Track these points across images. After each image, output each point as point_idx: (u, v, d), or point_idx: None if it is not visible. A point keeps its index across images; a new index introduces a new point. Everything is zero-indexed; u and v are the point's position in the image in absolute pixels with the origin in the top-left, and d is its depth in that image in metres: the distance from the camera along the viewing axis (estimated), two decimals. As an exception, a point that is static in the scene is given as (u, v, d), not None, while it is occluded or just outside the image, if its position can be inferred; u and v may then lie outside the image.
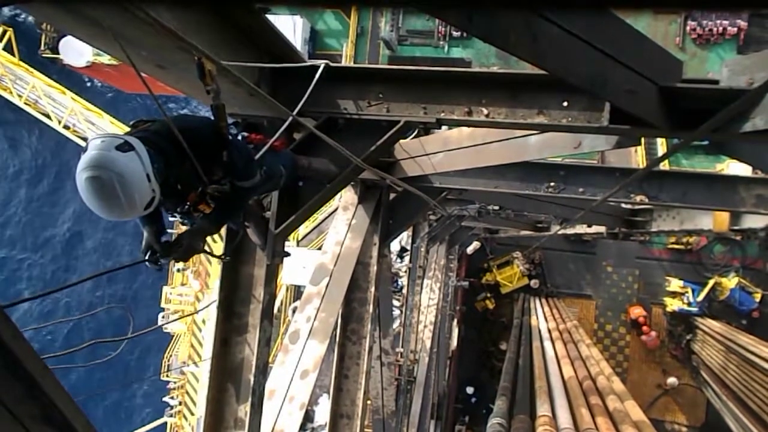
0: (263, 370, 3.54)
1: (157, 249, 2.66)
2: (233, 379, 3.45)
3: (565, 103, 2.95)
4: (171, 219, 2.77)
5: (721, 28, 17.30)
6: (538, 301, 18.93)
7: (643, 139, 4.09)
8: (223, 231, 3.39)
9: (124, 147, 2.12)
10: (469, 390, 19.31)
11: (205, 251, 2.90)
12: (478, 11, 1.70)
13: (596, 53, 2.21)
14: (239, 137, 3.15)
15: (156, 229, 2.69)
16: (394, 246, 11.29)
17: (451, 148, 4.50)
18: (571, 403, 8.27)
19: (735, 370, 13.88)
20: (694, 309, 17.78)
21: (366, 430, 8.53)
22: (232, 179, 2.75)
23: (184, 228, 2.80)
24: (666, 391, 18.47)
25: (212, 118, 2.60)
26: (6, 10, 25.62)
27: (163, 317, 18.97)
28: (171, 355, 20.05)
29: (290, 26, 18.54)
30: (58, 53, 21.14)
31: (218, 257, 3.30)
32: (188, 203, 2.66)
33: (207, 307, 16.33)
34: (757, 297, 17.84)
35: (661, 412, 18.42)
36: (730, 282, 17.78)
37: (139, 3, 1.88)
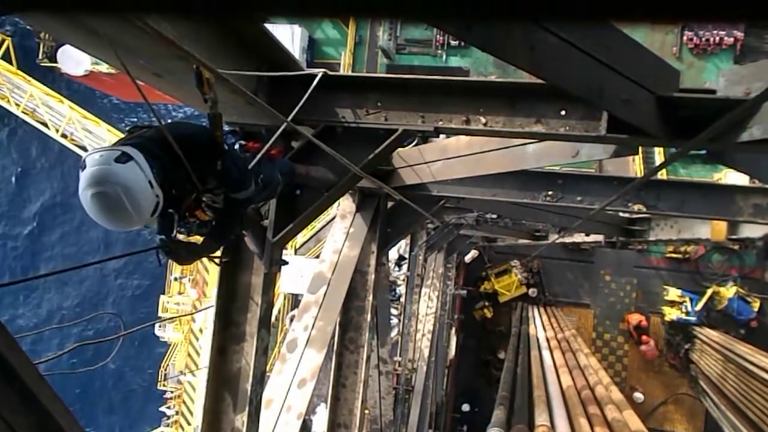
0: (260, 379, 3.53)
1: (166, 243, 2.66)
2: (230, 389, 3.43)
3: (563, 112, 2.95)
4: None
5: (717, 38, 17.39)
6: (536, 310, 18.90)
7: (640, 149, 4.10)
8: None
9: (123, 158, 2.12)
10: (465, 407, 19.11)
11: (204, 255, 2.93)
12: (476, 21, 1.71)
13: (594, 63, 2.22)
14: (236, 146, 3.16)
15: (167, 222, 2.70)
16: (392, 254, 11.27)
17: (449, 156, 4.51)
18: (569, 412, 8.24)
19: (733, 380, 13.85)
20: (693, 318, 17.75)
21: (364, 439, 8.48)
22: (226, 191, 2.75)
23: (181, 236, 2.80)
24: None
25: (208, 125, 2.60)
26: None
27: (160, 326, 18.92)
28: (168, 364, 19.96)
29: (288, 35, 18.59)
30: (56, 62, 21.17)
31: (215, 259, 3.29)
32: (182, 208, 2.66)
33: (204, 309, 16.28)
34: (756, 306, 17.83)
35: (660, 421, 18.36)
36: (729, 291, 17.78)
37: (137, 12, 1.88)
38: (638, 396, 18.25)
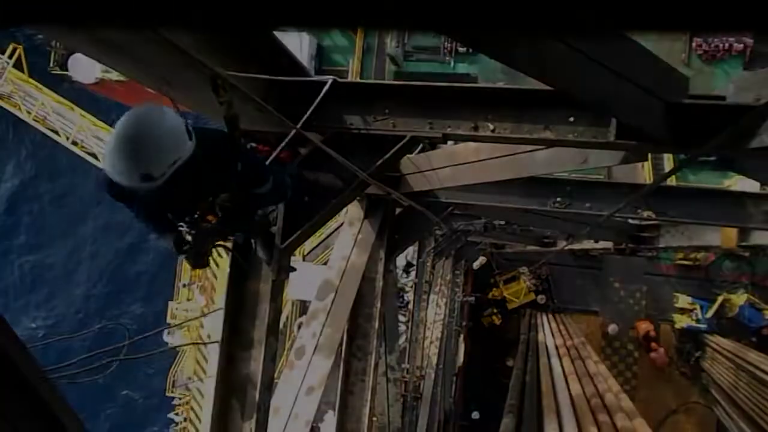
0: (268, 387, 3.52)
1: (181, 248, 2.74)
2: (238, 396, 3.43)
3: (572, 119, 2.94)
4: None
5: (727, 45, 17.33)
6: (545, 317, 18.82)
7: (649, 155, 4.09)
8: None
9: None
10: (474, 415, 19.02)
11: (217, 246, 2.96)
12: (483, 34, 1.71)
13: (602, 69, 2.21)
14: (249, 146, 3.22)
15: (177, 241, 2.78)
16: (400, 261, 11.26)
17: (457, 163, 4.51)
18: (579, 420, 8.19)
19: (745, 389, 13.73)
20: (703, 326, 17.61)
21: (371, 447, 8.45)
22: (244, 187, 2.79)
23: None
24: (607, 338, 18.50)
25: (222, 129, 2.64)
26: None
27: (168, 333, 18.94)
28: (176, 371, 19.98)
29: (297, 43, 18.67)
30: (67, 70, 21.36)
31: (224, 247, 3.29)
32: (197, 213, 2.69)
33: (208, 314, 16.30)
34: (767, 314, 17.67)
35: (671, 430, 18.19)
36: (739, 299, 17.62)
37: (146, 26, 1.90)
38: (613, 327, 18.39)
